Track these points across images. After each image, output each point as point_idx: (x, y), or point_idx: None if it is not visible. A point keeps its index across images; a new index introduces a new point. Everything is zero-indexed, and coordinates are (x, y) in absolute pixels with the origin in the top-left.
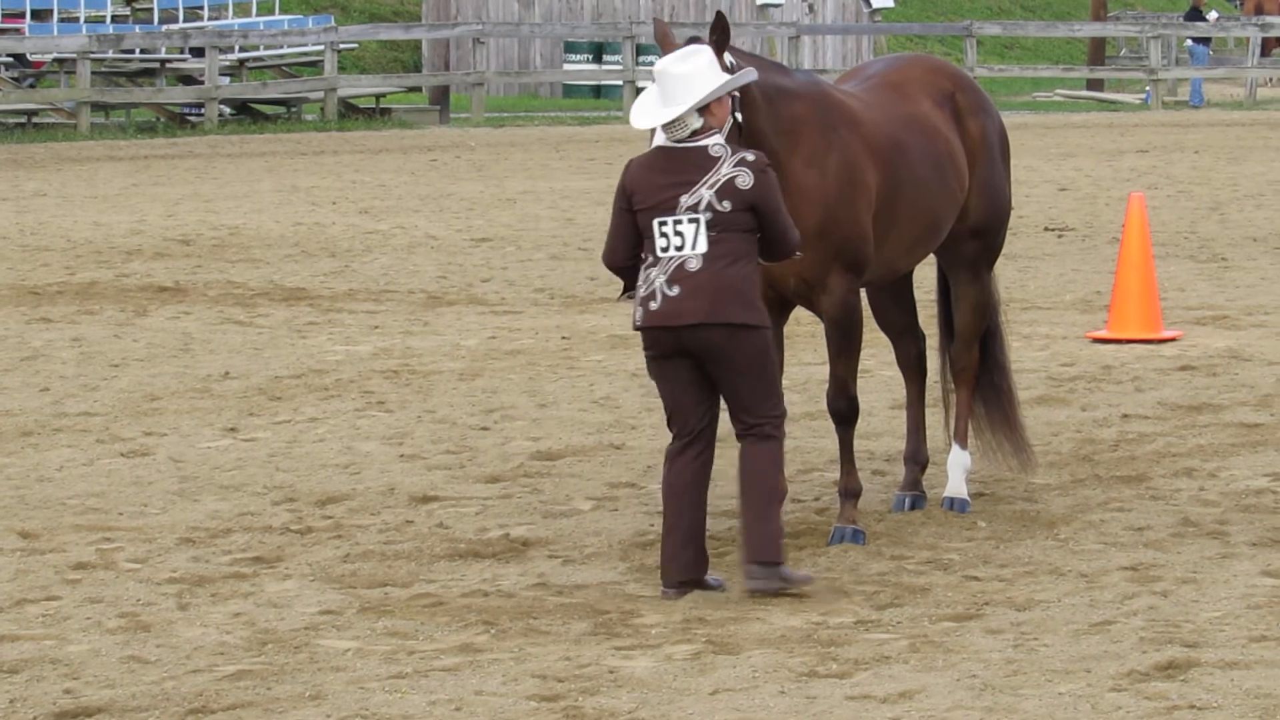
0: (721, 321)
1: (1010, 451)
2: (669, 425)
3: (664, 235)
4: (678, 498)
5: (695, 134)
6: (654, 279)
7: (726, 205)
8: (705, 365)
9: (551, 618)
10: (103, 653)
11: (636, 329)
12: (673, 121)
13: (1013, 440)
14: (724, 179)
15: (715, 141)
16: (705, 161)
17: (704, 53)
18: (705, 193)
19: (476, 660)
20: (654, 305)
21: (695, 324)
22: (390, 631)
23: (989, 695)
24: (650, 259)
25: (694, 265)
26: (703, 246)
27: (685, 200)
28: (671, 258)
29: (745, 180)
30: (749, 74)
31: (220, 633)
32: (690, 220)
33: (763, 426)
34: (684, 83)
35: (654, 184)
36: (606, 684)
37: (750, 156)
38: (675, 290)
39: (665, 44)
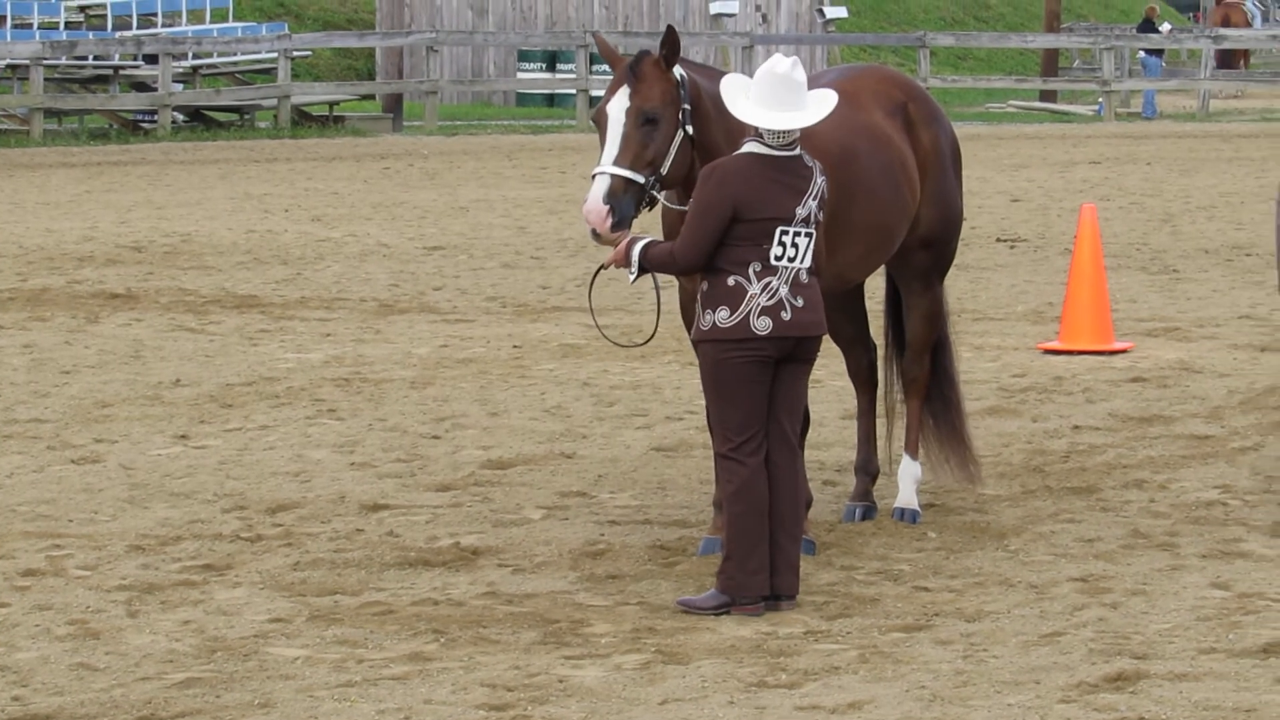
0: (825, 333)
1: (957, 464)
2: (734, 432)
3: (782, 245)
4: (765, 502)
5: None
6: (776, 288)
7: (821, 215)
8: (783, 374)
9: (501, 627)
10: (52, 660)
11: (756, 336)
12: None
13: (960, 452)
14: (820, 189)
15: (801, 151)
16: (805, 170)
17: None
18: (812, 204)
19: (426, 669)
20: (785, 315)
21: (811, 336)
22: (340, 640)
23: (938, 706)
24: (758, 266)
25: (805, 278)
26: (809, 260)
27: (800, 211)
28: (787, 268)
29: (827, 188)
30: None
31: (169, 640)
32: (806, 234)
33: (798, 439)
34: (808, 89)
35: (768, 191)
36: (556, 693)
37: (820, 164)
38: (800, 301)
39: (611, 59)
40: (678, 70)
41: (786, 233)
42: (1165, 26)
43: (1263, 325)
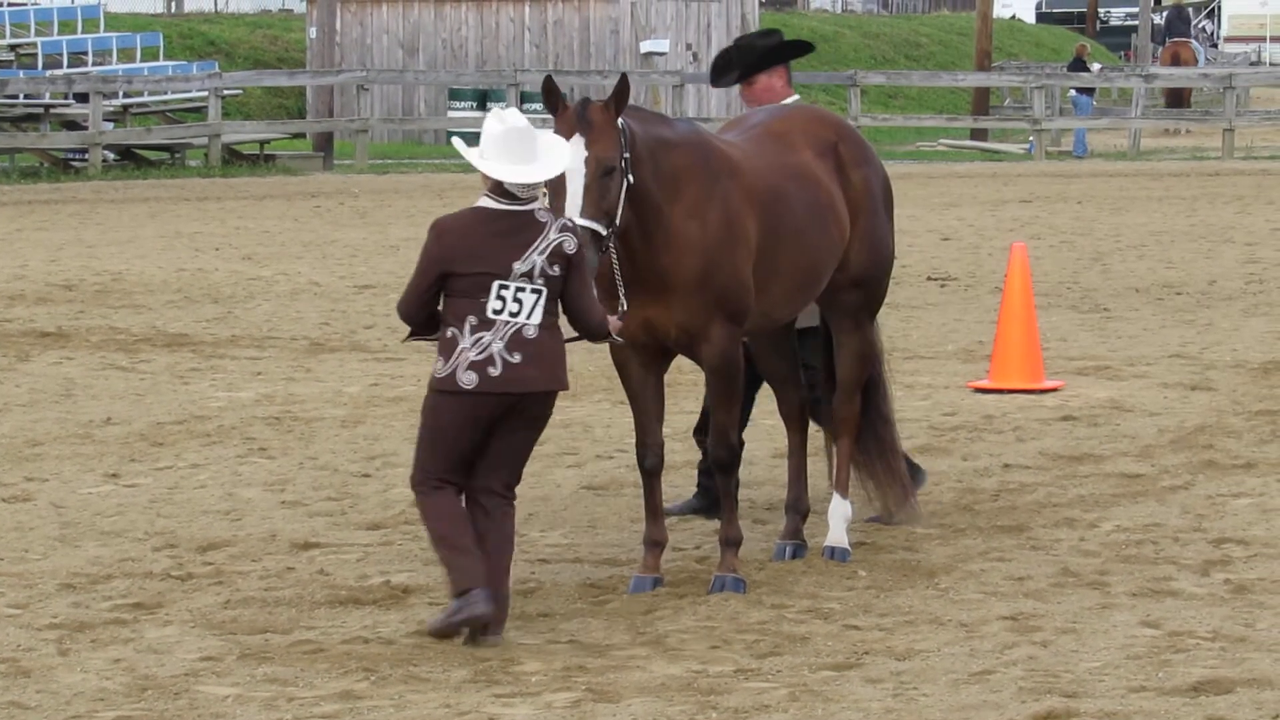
0: (557, 389)
1: (893, 502)
2: (419, 469)
3: (501, 299)
4: (464, 519)
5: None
6: (489, 344)
7: (556, 270)
8: (503, 428)
9: (432, 665)
10: None
11: (461, 390)
12: (536, 182)
13: (895, 491)
14: (552, 244)
15: (539, 205)
16: (535, 225)
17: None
18: (537, 259)
19: (356, 707)
20: (494, 370)
21: (541, 391)
22: (270, 678)
23: None
24: (474, 320)
25: (531, 333)
26: (539, 316)
27: (519, 266)
28: (508, 322)
29: (571, 245)
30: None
31: (100, 678)
32: (533, 290)
33: (509, 497)
34: (553, 143)
35: (486, 246)
36: None
37: (569, 222)
38: (517, 357)
39: (558, 104)
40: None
41: (506, 287)
42: (1095, 66)
43: (1193, 364)
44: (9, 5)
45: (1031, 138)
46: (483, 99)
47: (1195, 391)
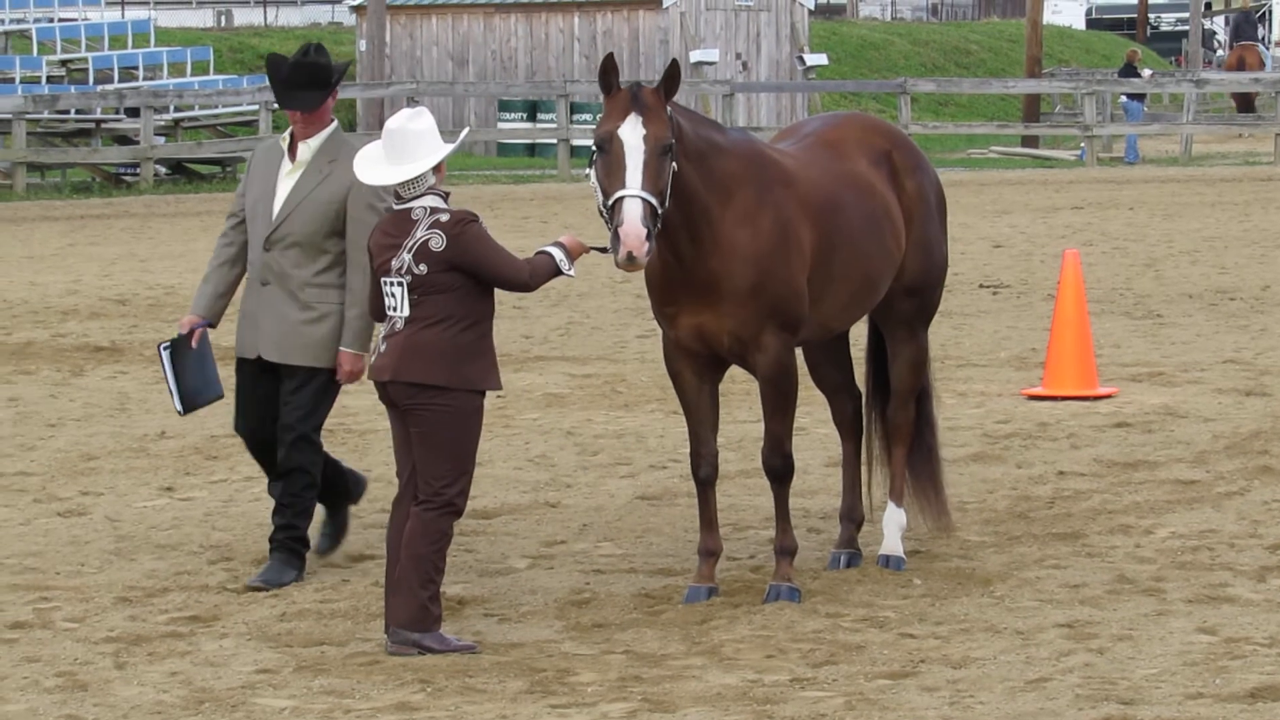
0: (403, 380)
1: (931, 510)
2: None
3: (392, 295)
4: (394, 548)
5: (418, 196)
6: (382, 335)
7: (423, 269)
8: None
9: (487, 676)
10: (40, 712)
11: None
12: (409, 180)
13: (936, 499)
14: (419, 242)
15: (421, 204)
16: (407, 224)
17: (428, 115)
18: (405, 256)
19: (413, 719)
20: (373, 359)
21: (386, 381)
22: (327, 690)
23: None
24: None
25: (399, 326)
26: (406, 310)
27: (394, 263)
28: (391, 316)
29: (438, 243)
30: (464, 136)
31: (157, 691)
32: (398, 284)
33: (431, 501)
34: (423, 140)
35: (381, 244)
36: None
37: (445, 217)
38: (384, 347)
39: (613, 86)
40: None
41: (388, 283)
42: (1146, 72)
43: (1247, 369)
44: (60, 21)
45: (1083, 144)
46: (533, 110)
47: (1249, 397)
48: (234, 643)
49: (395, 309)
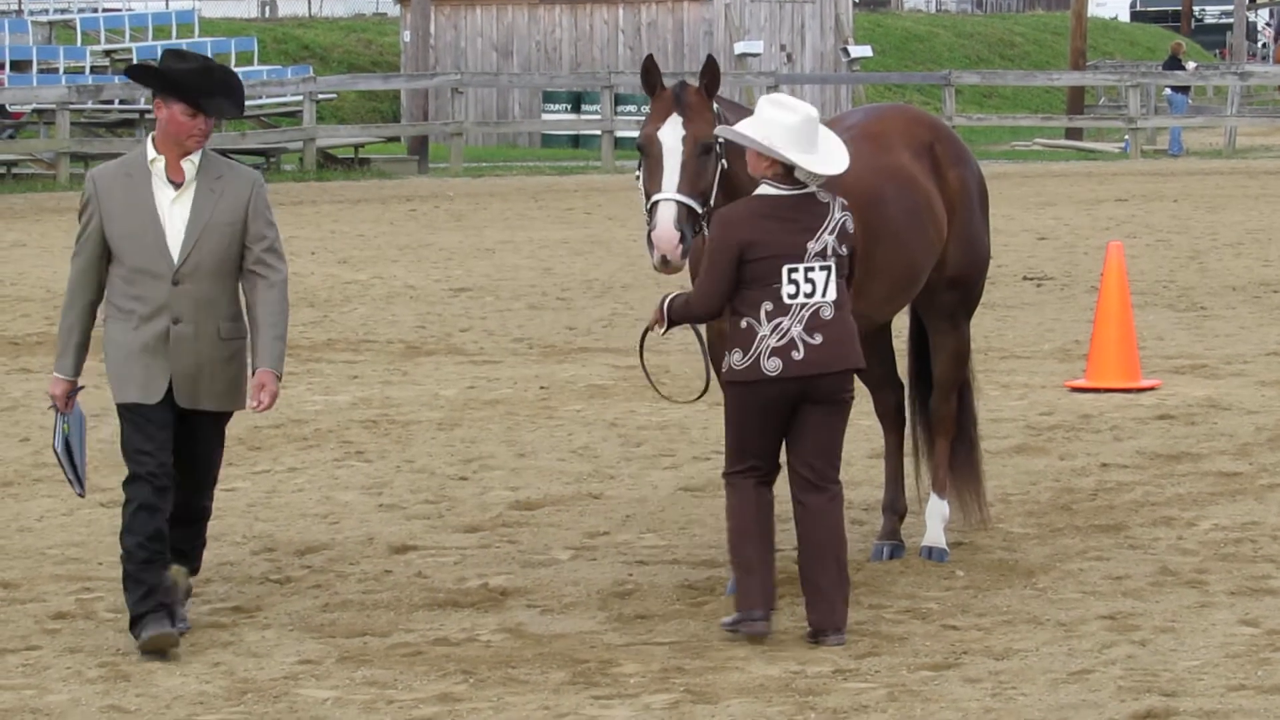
0: (855, 367)
1: (971, 501)
2: (733, 458)
3: (794, 283)
4: (767, 530)
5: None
6: (788, 328)
7: (845, 250)
8: (804, 413)
9: (530, 667)
10: (83, 702)
11: (766, 378)
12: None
13: (974, 490)
14: (838, 223)
15: (819, 188)
16: (818, 207)
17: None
18: (828, 238)
19: (455, 710)
20: (797, 355)
21: (841, 371)
22: (369, 681)
23: None
24: (769, 307)
25: (827, 313)
26: (832, 294)
27: (812, 246)
28: (804, 304)
29: (851, 224)
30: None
31: (200, 682)
32: (822, 268)
33: (830, 488)
34: (826, 135)
35: (775, 232)
36: None
37: (844, 200)
38: (817, 339)
39: (656, 85)
40: (714, 105)
41: (796, 270)
42: (1191, 64)
43: None
44: (104, 11)
45: (1127, 136)
46: (577, 101)
47: None
48: (276, 633)
49: (812, 294)
